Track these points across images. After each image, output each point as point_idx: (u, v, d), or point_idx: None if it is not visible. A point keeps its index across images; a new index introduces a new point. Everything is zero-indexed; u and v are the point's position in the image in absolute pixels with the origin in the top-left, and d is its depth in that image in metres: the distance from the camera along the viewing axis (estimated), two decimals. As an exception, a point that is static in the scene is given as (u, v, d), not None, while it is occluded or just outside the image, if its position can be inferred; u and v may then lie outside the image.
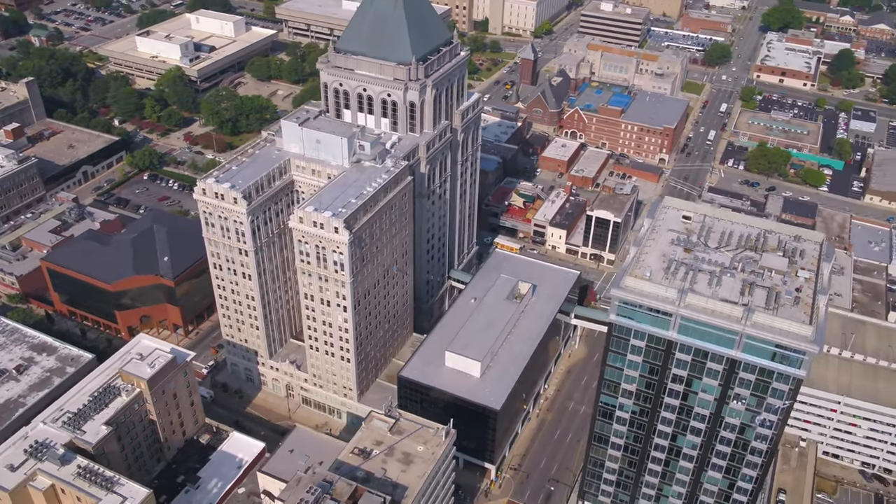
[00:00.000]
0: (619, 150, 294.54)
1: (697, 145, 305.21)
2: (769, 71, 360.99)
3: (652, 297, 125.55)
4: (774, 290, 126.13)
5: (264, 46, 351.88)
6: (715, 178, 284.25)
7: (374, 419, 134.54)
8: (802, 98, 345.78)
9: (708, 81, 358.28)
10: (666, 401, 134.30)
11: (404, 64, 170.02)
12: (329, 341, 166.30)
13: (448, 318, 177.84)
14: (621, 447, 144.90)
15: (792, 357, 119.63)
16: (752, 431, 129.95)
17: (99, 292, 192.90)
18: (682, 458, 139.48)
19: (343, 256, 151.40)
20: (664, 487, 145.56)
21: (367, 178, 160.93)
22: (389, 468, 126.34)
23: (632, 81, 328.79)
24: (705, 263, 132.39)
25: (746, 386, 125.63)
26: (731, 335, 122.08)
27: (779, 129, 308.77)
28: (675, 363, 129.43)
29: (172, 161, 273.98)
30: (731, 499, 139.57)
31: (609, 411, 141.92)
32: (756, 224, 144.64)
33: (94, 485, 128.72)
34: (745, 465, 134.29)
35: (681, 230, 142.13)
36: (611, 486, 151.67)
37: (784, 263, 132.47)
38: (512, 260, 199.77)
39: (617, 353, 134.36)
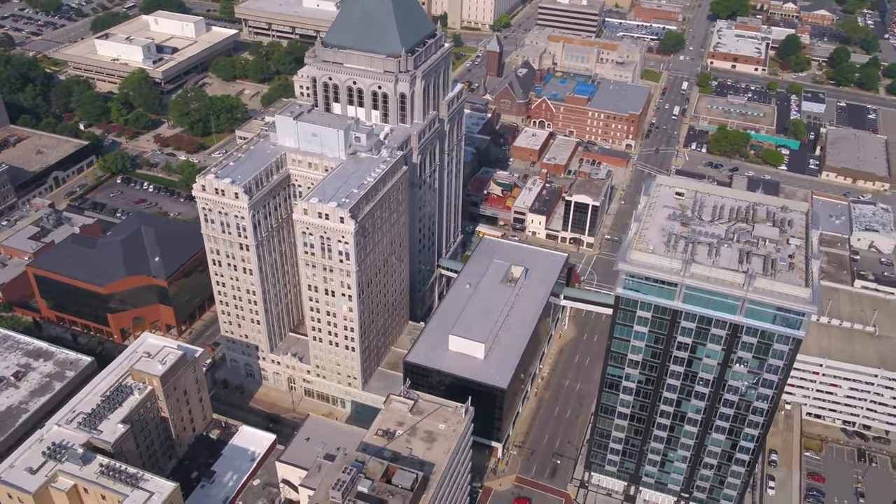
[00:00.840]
0: (586, 138, 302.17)
1: (661, 131, 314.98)
2: (722, 57, 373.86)
3: (657, 269, 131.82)
4: (769, 258, 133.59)
5: (226, 46, 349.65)
6: (680, 162, 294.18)
7: (393, 401, 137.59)
8: (755, 82, 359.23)
9: (665, 69, 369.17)
10: (671, 368, 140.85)
11: (394, 56, 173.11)
12: (333, 331, 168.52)
13: (446, 304, 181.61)
14: (627, 416, 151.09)
15: (791, 319, 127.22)
16: (753, 392, 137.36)
17: (90, 296, 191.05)
18: (686, 422, 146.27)
19: (349, 246, 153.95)
20: (669, 453, 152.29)
21: (365, 169, 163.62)
22: (414, 447, 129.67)
23: (594, 71, 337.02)
24: (702, 236, 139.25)
25: (748, 349, 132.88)
26: (734, 301, 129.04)
27: (736, 112, 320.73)
28: (680, 331, 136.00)
29: (145, 164, 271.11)
30: (734, 458, 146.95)
31: (615, 382, 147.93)
32: (744, 197, 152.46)
33: (119, 482, 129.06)
34: (746, 426, 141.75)
35: (675, 206, 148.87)
36: (617, 456, 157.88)
37: (775, 233, 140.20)
38: (501, 245, 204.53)
39: (623, 325, 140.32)
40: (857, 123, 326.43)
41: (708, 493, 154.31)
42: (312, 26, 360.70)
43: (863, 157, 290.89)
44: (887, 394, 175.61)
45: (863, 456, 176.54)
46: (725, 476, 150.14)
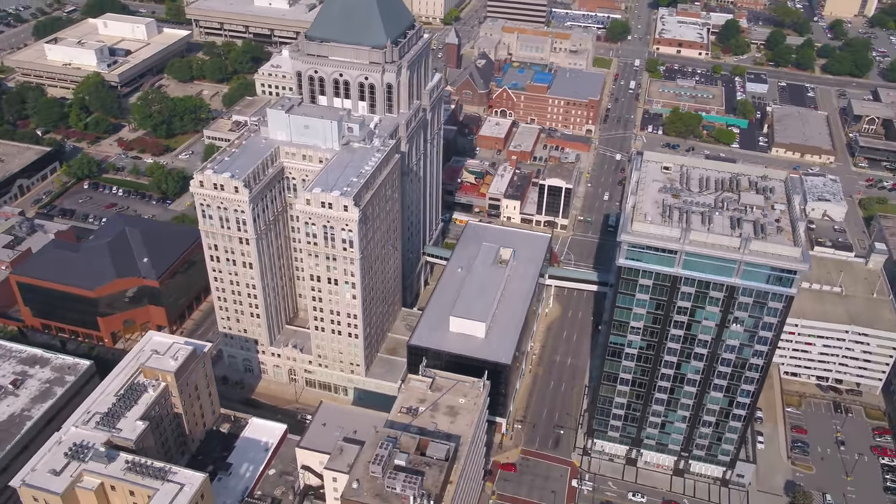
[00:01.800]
0: (548, 125, 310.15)
1: (618, 116, 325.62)
2: (667, 43, 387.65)
3: (658, 238, 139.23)
4: (758, 223, 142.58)
5: (180, 48, 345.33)
6: (639, 144, 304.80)
7: (412, 381, 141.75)
8: (700, 66, 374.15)
9: (614, 56, 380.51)
10: (671, 332, 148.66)
11: (379, 47, 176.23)
12: (336, 320, 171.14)
13: (441, 288, 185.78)
14: (629, 382, 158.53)
15: (785, 277, 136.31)
16: (749, 350, 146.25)
17: (79, 300, 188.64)
18: (686, 384, 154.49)
19: (352, 234, 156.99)
20: (669, 414, 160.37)
21: (360, 159, 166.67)
22: (438, 421, 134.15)
23: (549, 60, 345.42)
24: (694, 206, 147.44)
25: (745, 309, 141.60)
26: (731, 264, 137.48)
27: (687, 94, 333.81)
28: (679, 296, 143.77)
29: (111, 168, 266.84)
30: (731, 415, 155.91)
31: (618, 350, 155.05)
32: (725, 169, 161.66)
33: (148, 476, 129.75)
34: (743, 382, 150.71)
35: (664, 179, 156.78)
36: (619, 421, 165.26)
37: (760, 200, 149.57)
38: (486, 230, 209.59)
39: (626, 294, 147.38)
40: (797, 101, 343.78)
41: (706, 450, 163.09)
42: (266, 25, 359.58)
43: (807, 132, 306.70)
44: (857, 348, 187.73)
45: (839, 408, 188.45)
46: (723, 433, 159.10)
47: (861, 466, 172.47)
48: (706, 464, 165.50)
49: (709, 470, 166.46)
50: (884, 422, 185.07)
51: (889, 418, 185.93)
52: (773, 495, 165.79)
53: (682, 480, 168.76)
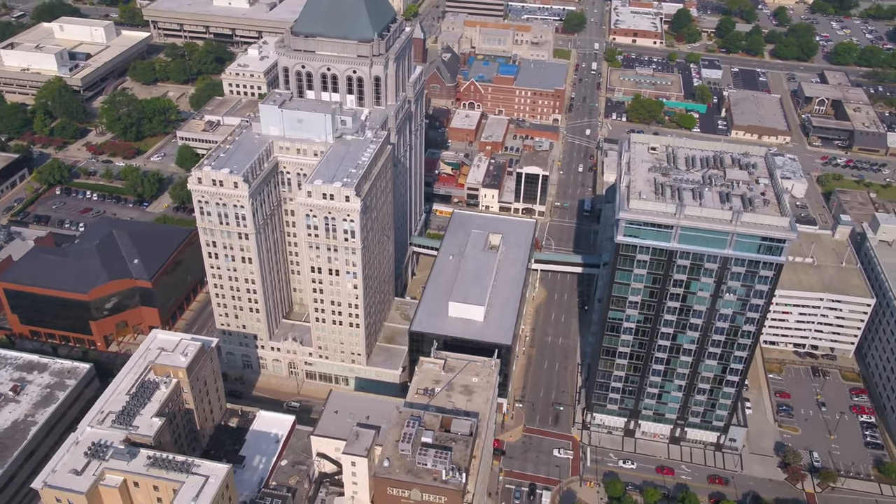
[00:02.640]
0: (515, 115, 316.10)
1: (583, 104, 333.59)
2: (622, 33, 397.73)
3: (655, 214, 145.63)
4: (746, 197, 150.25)
5: (140, 50, 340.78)
6: (605, 131, 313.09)
7: (424, 363, 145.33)
8: (656, 54, 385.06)
9: (573, 47, 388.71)
10: (668, 305, 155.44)
11: (366, 41, 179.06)
12: (337, 310, 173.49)
13: (435, 275, 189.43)
14: (627, 356, 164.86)
15: (774, 247, 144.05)
16: (741, 318, 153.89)
17: (71, 305, 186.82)
18: (681, 354, 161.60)
19: (354, 224, 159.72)
20: (666, 384, 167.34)
21: (355, 151, 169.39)
22: (455, 400, 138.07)
23: (511, 52, 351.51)
24: (684, 183, 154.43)
25: (737, 279, 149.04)
26: (724, 236, 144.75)
27: (647, 82, 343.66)
28: (675, 270, 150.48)
29: (83, 172, 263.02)
30: (724, 381, 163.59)
31: (616, 325, 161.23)
32: (708, 147, 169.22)
33: (172, 470, 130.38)
34: (735, 349, 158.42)
35: (651, 159, 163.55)
36: (618, 394, 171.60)
37: (745, 175, 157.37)
38: (472, 218, 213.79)
39: (624, 270, 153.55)
40: (750, 86, 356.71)
41: (701, 416, 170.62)
42: (227, 25, 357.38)
43: (763, 114, 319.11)
44: (831, 315, 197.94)
45: (817, 372, 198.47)
46: (717, 399, 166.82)
47: (842, 425, 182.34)
48: (701, 430, 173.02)
49: (704, 436, 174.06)
50: (859, 383, 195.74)
51: (863, 379, 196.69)
52: (765, 456, 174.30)
53: (678, 448, 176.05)
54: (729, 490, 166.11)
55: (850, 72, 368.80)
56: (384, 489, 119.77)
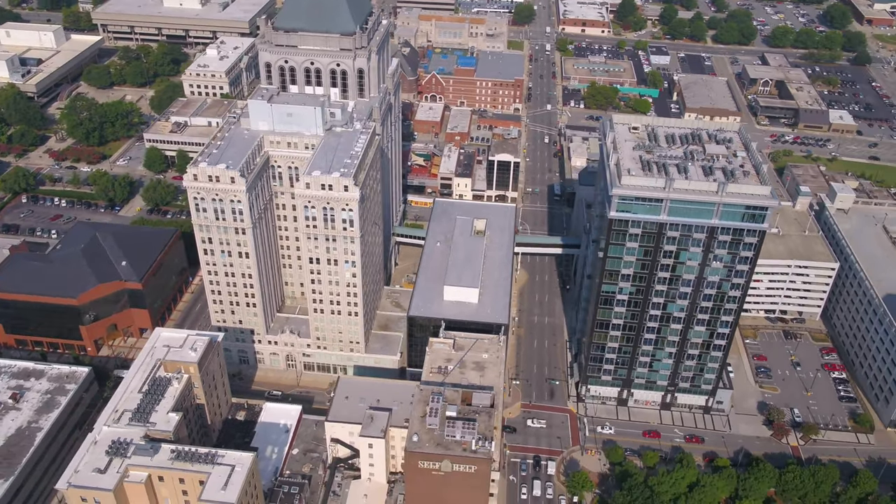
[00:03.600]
0: (477, 106, 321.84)
1: (541, 93, 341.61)
2: (571, 23, 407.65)
3: (646, 189, 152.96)
4: (727, 169, 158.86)
5: (92, 54, 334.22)
6: (565, 119, 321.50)
7: (434, 344, 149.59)
8: (605, 43, 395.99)
9: (525, 38, 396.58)
10: (658, 276, 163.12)
11: (348, 34, 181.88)
12: (336, 300, 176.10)
13: (426, 261, 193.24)
14: (620, 327, 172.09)
15: (758, 214, 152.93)
16: (727, 284, 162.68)
17: (60, 311, 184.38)
18: (671, 322, 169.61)
19: (353, 213, 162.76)
20: (657, 353, 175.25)
21: (346, 142, 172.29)
22: (469, 376, 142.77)
23: (468, 44, 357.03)
24: (668, 159, 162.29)
25: (723, 247, 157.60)
26: (711, 207, 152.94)
27: (600, 70, 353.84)
28: (665, 241, 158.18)
29: (49, 179, 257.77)
30: (712, 346, 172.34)
31: (609, 298, 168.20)
32: (685, 125, 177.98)
33: (197, 462, 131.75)
34: (722, 315, 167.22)
35: (634, 138, 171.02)
36: (611, 365, 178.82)
37: (723, 149, 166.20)
38: (454, 205, 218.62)
39: (616, 245, 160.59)
40: (696, 70, 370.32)
41: (691, 381, 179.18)
42: (180, 26, 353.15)
43: (713, 97, 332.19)
44: (798, 280, 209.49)
45: (789, 335, 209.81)
46: (705, 363, 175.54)
47: (817, 383, 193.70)
48: (690, 395, 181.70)
49: (693, 400, 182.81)
50: (827, 342, 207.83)
51: (831, 339, 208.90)
52: (750, 416, 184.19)
53: (669, 413, 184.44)
54: (720, 449, 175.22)
55: (788, 54, 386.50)
56: (415, 463, 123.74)
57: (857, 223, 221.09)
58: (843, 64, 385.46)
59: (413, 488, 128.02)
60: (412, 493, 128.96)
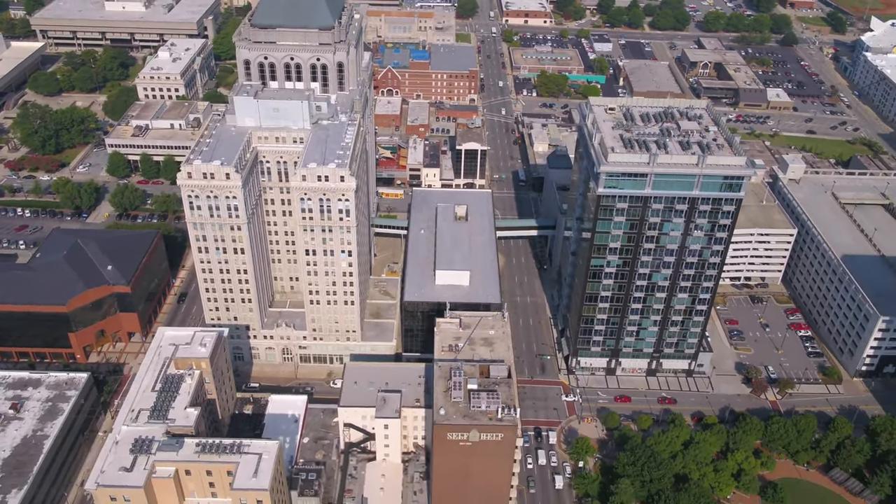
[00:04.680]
0: (433, 98, 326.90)
1: (493, 83, 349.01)
2: (514, 15, 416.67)
3: (632, 165, 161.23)
4: (703, 143, 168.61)
5: (35, 61, 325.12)
6: (519, 107, 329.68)
7: (442, 324, 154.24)
8: (548, 33, 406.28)
9: (471, 31, 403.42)
10: (644, 247, 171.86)
11: (327, 28, 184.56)
12: (332, 290, 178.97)
13: (413, 249, 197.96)
14: (609, 299, 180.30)
15: (735, 184, 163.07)
16: (708, 252, 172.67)
17: (48, 319, 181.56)
18: (656, 291, 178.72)
19: (349, 203, 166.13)
20: (643, 321, 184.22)
21: (335, 135, 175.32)
22: (480, 352, 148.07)
23: (418, 38, 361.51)
24: (647, 136, 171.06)
25: (704, 216, 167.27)
26: (691, 179, 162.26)
27: (548, 58, 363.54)
28: (650, 214, 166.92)
29: (7, 190, 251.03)
30: (693, 311, 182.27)
31: (598, 271, 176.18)
32: (657, 104, 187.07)
33: (223, 453, 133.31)
34: (703, 281, 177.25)
35: (612, 119, 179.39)
36: (601, 336, 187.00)
37: (695, 125, 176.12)
38: (431, 194, 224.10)
39: (604, 220, 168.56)
40: (638, 56, 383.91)
41: (675, 347, 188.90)
42: (125, 30, 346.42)
43: (658, 80, 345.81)
44: (761, 247, 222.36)
45: (755, 299, 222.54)
46: (688, 329, 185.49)
47: (786, 341, 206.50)
48: (674, 360, 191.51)
49: (676, 365, 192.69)
50: (791, 304, 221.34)
51: (794, 300, 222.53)
52: (729, 376, 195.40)
53: (654, 379, 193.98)
54: (706, 409, 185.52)
55: (721, 38, 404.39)
56: (444, 435, 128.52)
57: (809, 191, 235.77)
58: (772, 45, 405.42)
59: (441, 461, 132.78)
60: (440, 466, 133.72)
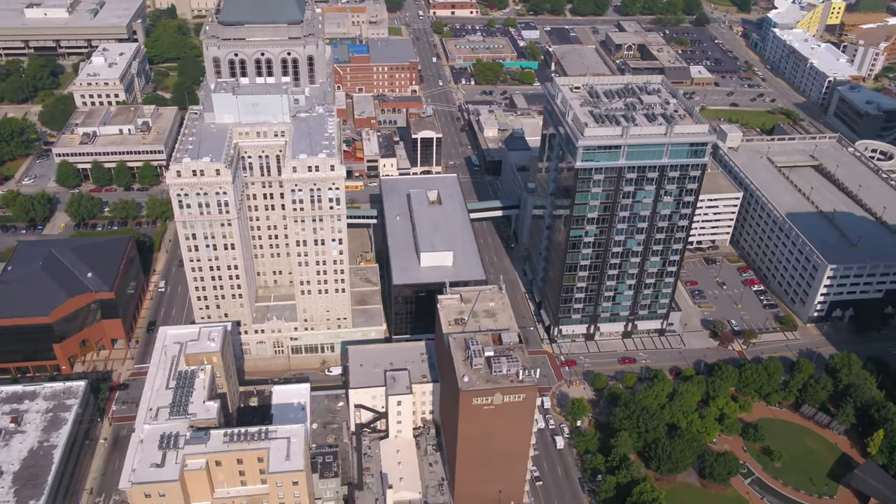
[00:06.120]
0: (376, 91, 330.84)
1: (431, 74, 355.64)
2: (441, 6, 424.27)
3: (607, 138, 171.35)
4: (666, 114, 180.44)
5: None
6: (460, 96, 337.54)
7: (443, 301, 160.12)
8: (476, 23, 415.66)
9: (400, 24, 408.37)
10: (619, 215, 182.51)
11: (296, 23, 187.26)
12: (323, 279, 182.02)
13: (392, 235, 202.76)
14: (587, 267, 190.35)
15: (699, 150, 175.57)
16: (677, 216, 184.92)
17: (32, 331, 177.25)
18: (630, 256, 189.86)
19: (339, 192, 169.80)
20: (619, 286, 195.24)
21: (316, 126, 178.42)
22: (484, 324, 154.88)
23: (351, 33, 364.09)
24: (614, 111, 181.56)
25: (672, 182, 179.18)
26: (661, 148, 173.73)
27: (481, 48, 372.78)
28: (624, 183, 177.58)
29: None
30: (664, 273, 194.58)
31: (577, 242, 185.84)
32: (617, 81, 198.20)
33: (252, 441, 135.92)
34: (673, 244, 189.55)
35: (578, 96, 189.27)
36: (580, 304, 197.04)
37: (656, 98, 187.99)
38: (398, 181, 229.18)
39: (583, 192, 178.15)
40: (564, 41, 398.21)
41: (648, 308, 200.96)
42: (49, 37, 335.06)
43: (588, 63, 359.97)
44: (710, 212, 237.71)
45: (709, 261, 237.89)
46: (660, 290, 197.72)
47: (743, 297, 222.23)
48: (648, 321, 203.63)
49: (650, 325, 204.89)
50: (741, 262, 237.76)
51: (743, 259, 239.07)
52: (697, 332, 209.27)
53: (630, 340, 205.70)
54: (681, 363, 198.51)
55: (640, 20, 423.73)
56: (469, 401, 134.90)
57: (747, 158, 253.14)
58: (687, 26, 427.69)
59: (466, 427, 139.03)
60: (465, 432, 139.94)
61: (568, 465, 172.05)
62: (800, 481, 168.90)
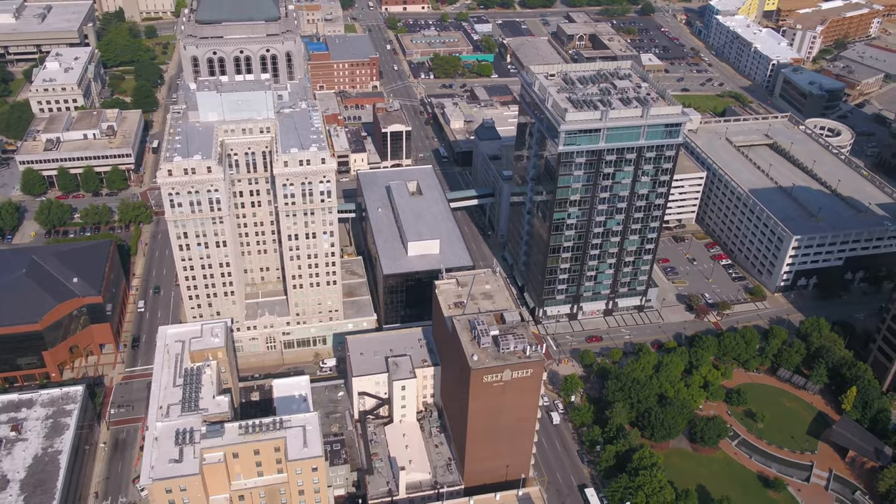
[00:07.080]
0: (337, 88, 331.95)
1: (389, 69, 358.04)
2: (393, 2, 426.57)
3: (587, 122, 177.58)
4: (640, 98, 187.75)
5: None
6: (421, 90, 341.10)
7: (440, 286, 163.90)
8: (429, 18, 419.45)
9: (353, 20, 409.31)
10: (599, 197, 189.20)
11: (273, 20, 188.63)
12: (314, 272, 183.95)
13: (377, 227, 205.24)
14: (571, 248, 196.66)
15: (674, 131, 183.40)
16: (654, 195, 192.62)
17: (20, 339, 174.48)
18: (611, 235, 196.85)
19: (330, 184, 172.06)
20: (600, 265, 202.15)
21: (301, 121, 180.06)
22: (482, 305, 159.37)
23: (309, 30, 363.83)
24: (591, 96, 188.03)
25: (649, 162, 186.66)
26: (638, 130, 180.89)
27: (437, 42, 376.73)
28: (604, 165, 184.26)
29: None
30: (643, 251, 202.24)
31: (560, 224, 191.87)
32: (588, 68, 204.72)
33: (268, 431, 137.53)
34: (650, 222, 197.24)
35: (554, 83, 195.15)
36: (564, 284, 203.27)
37: (628, 83, 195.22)
38: (376, 174, 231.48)
39: (565, 175, 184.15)
40: (517, 33, 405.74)
41: (628, 286, 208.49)
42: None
43: (542, 54, 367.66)
44: (676, 192, 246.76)
45: (678, 239, 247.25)
46: (639, 268, 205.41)
47: (713, 271, 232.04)
48: (628, 298, 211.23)
49: (629, 302, 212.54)
50: (708, 239, 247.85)
51: (710, 236, 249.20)
52: (673, 306, 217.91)
53: (612, 318, 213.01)
54: (662, 336, 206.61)
55: (587, 11, 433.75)
56: (480, 379, 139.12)
57: (707, 139, 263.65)
58: (633, 16, 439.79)
59: (476, 404, 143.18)
60: (475, 409, 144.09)
61: (565, 438, 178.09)
62: (783, 440, 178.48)
